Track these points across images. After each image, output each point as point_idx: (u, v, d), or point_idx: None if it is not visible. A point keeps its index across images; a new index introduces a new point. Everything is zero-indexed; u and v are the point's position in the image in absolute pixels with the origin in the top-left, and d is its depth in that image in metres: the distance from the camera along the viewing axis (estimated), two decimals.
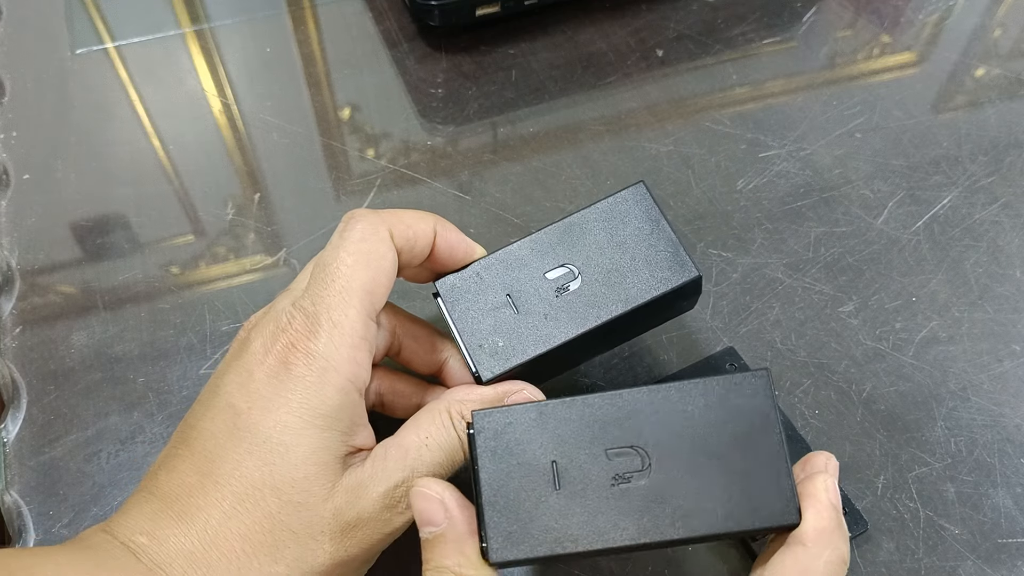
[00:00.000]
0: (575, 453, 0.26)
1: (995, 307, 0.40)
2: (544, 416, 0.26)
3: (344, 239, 0.29)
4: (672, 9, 0.53)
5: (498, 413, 0.26)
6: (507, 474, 0.25)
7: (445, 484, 0.25)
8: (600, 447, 0.26)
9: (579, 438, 0.26)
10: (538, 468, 0.25)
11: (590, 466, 0.25)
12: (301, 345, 0.27)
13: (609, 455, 0.26)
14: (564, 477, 0.25)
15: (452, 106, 0.48)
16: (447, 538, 0.25)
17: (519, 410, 0.26)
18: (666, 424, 0.26)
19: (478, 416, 0.26)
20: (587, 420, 0.26)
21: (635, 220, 0.32)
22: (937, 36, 0.52)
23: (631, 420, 0.26)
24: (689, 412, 0.26)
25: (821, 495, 0.25)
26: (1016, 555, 0.33)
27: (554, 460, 0.26)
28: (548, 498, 0.25)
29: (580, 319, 0.31)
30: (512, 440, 0.26)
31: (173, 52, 0.51)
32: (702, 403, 0.26)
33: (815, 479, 0.26)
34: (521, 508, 0.25)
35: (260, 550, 0.26)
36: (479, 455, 0.26)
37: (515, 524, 0.25)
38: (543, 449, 0.26)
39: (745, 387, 0.26)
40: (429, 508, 0.25)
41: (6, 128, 0.47)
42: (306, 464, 0.27)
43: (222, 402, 0.28)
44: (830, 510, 0.25)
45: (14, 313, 0.40)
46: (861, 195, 0.44)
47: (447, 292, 0.31)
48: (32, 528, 0.34)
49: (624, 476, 0.25)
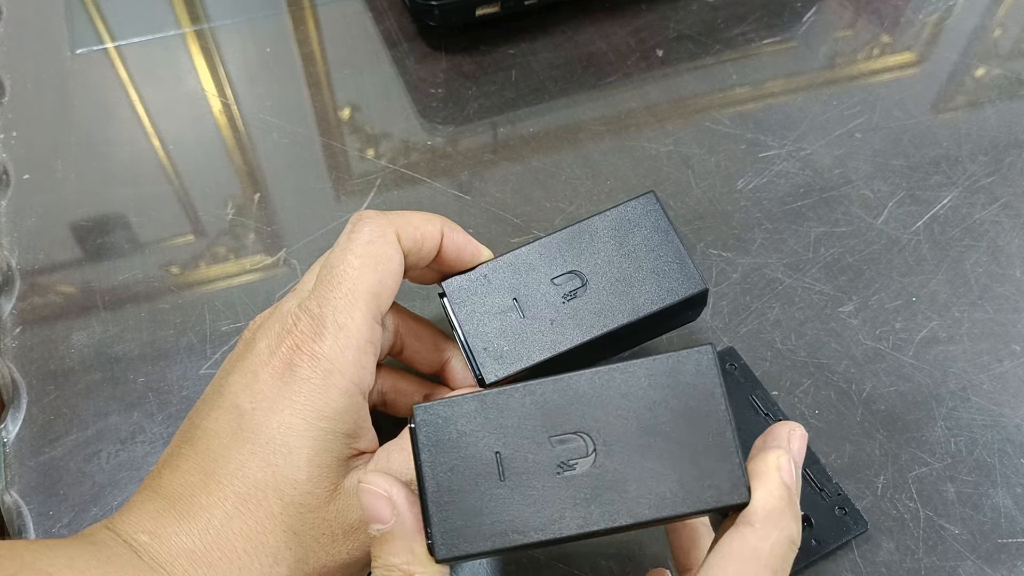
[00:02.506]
0: (519, 442, 0.25)
1: (995, 307, 0.40)
2: (486, 406, 0.25)
3: (351, 241, 0.29)
4: (672, 9, 0.53)
5: (439, 406, 0.25)
6: (450, 468, 0.25)
7: (392, 480, 0.24)
8: (544, 435, 0.25)
9: (522, 427, 0.25)
10: (482, 460, 0.25)
11: (534, 455, 0.25)
12: (306, 347, 0.27)
13: (553, 442, 0.25)
14: (508, 468, 0.25)
15: (452, 106, 0.48)
16: (394, 535, 0.24)
17: (460, 401, 0.25)
18: (611, 407, 0.25)
19: (419, 409, 0.25)
20: (530, 408, 0.25)
21: (644, 230, 0.32)
22: (937, 36, 0.52)
23: (575, 405, 0.25)
24: (634, 393, 0.25)
25: (772, 472, 0.24)
26: (1016, 555, 0.33)
27: (497, 451, 0.25)
28: (493, 490, 0.24)
29: (586, 326, 0.30)
30: (454, 432, 0.25)
31: (173, 52, 0.51)
32: (646, 383, 0.25)
33: (767, 455, 0.24)
34: (466, 502, 0.24)
35: (262, 550, 0.26)
36: (421, 449, 0.25)
37: (460, 519, 0.24)
38: (486, 440, 0.25)
39: (689, 364, 0.25)
40: (376, 505, 0.24)
41: (6, 128, 0.47)
42: (309, 466, 0.27)
43: (226, 402, 0.28)
44: (780, 488, 0.24)
45: (14, 313, 0.40)
46: (861, 195, 0.44)
47: (453, 293, 0.31)
48: (32, 528, 0.34)
49: (569, 463, 0.25)
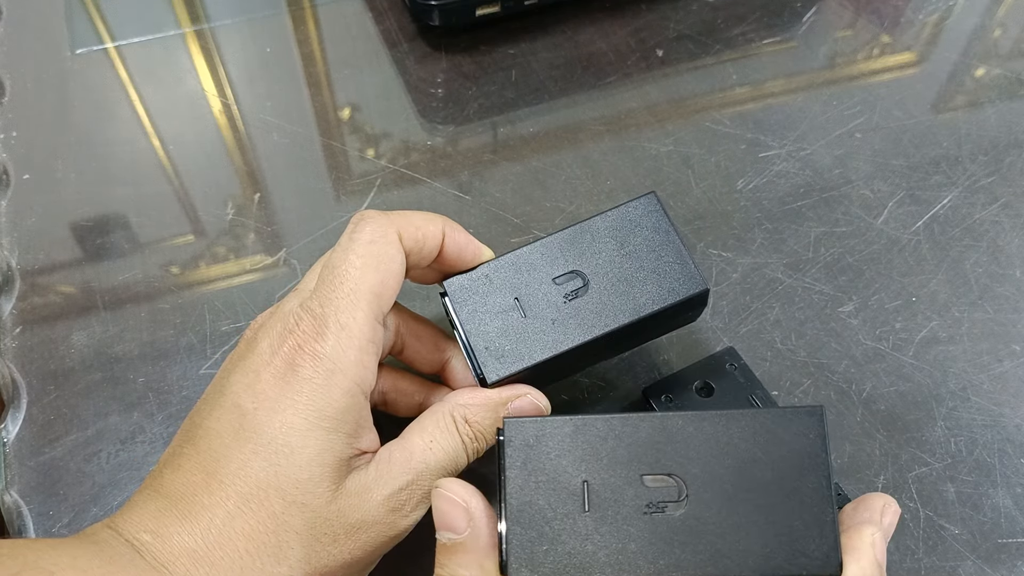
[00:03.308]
0: (608, 474, 0.24)
1: (995, 307, 0.40)
2: (579, 431, 0.25)
3: (353, 241, 0.29)
4: (672, 9, 0.53)
5: (531, 423, 0.25)
6: (535, 489, 0.24)
7: (470, 488, 0.24)
8: (636, 471, 0.24)
9: (614, 459, 0.24)
10: (568, 486, 0.24)
11: (623, 490, 0.24)
12: (308, 347, 0.27)
13: (645, 481, 0.24)
14: (595, 499, 0.24)
15: (452, 106, 0.48)
16: (467, 548, 0.24)
17: (553, 422, 0.25)
18: (708, 454, 0.24)
19: (510, 424, 0.25)
20: (624, 441, 0.24)
21: (645, 230, 0.32)
22: (937, 36, 0.52)
23: (671, 446, 0.24)
24: (734, 443, 0.24)
25: (866, 549, 0.24)
26: (1016, 555, 0.33)
27: (585, 480, 0.24)
28: (576, 519, 0.24)
29: (587, 326, 0.30)
30: (543, 454, 0.24)
31: (173, 52, 0.51)
32: (748, 435, 0.24)
33: (863, 530, 0.24)
34: (547, 527, 0.24)
35: (264, 550, 0.26)
36: (507, 466, 0.24)
37: (538, 543, 0.24)
38: (575, 467, 0.24)
39: (796, 423, 0.24)
40: (452, 513, 0.24)
41: (6, 128, 0.47)
42: (311, 466, 0.27)
43: (228, 402, 0.28)
44: (873, 566, 0.23)
45: (14, 313, 0.40)
46: (861, 195, 0.44)
47: (455, 292, 0.31)
48: (32, 528, 0.34)
49: (658, 504, 0.24)
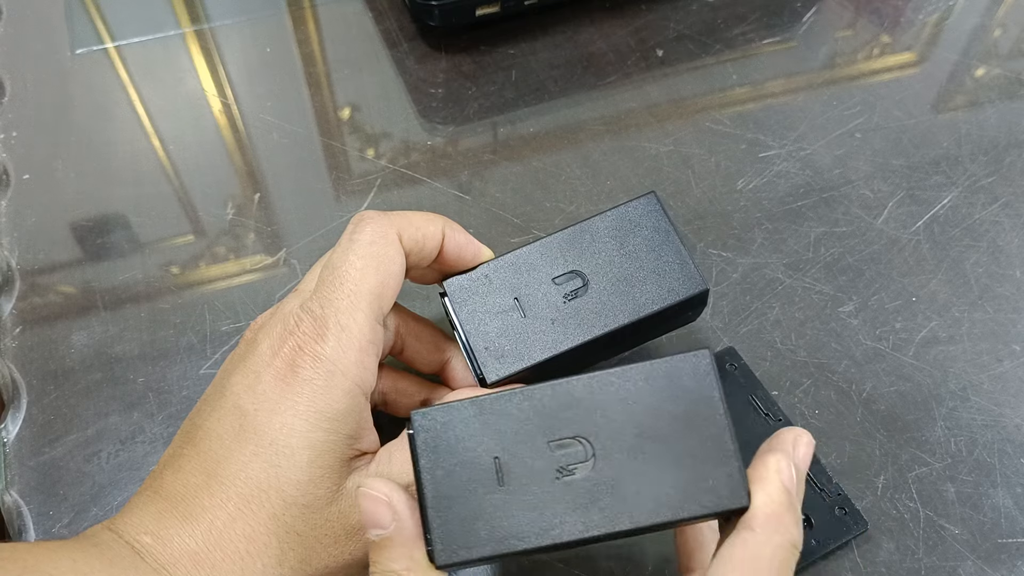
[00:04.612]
0: (517, 447, 0.25)
1: (995, 307, 0.40)
2: (483, 411, 0.25)
3: (353, 242, 0.29)
4: (672, 9, 0.53)
5: (436, 411, 0.25)
6: (449, 473, 0.24)
7: (392, 485, 0.24)
8: (542, 440, 0.25)
9: (520, 431, 0.25)
10: (481, 465, 0.25)
11: (533, 460, 0.25)
12: (308, 348, 0.27)
13: (552, 447, 0.25)
14: (507, 473, 0.24)
15: (452, 106, 0.48)
16: (394, 541, 0.24)
17: (458, 406, 0.25)
18: (609, 411, 0.25)
19: (416, 415, 0.25)
20: (528, 412, 0.25)
21: (645, 230, 0.32)
22: (937, 36, 0.52)
23: (573, 410, 0.25)
24: (632, 397, 0.25)
25: (772, 476, 0.24)
26: (1016, 555, 0.33)
27: (496, 456, 0.25)
28: (492, 496, 0.24)
29: (587, 326, 0.30)
30: (452, 437, 0.25)
31: (173, 52, 0.51)
32: (644, 387, 0.25)
33: (767, 459, 0.24)
34: (465, 508, 0.24)
35: (264, 551, 0.26)
36: (419, 455, 0.25)
37: (460, 525, 0.24)
38: (484, 445, 0.25)
39: (686, 368, 0.25)
40: (376, 510, 0.24)
41: (6, 128, 0.47)
42: (311, 467, 0.27)
43: (228, 403, 0.28)
44: (780, 492, 0.24)
45: (14, 313, 0.40)
46: (861, 195, 0.44)
47: (455, 292, 0.31)
48: (32, 528, 0.34)
49: (568, 468, 0.24)
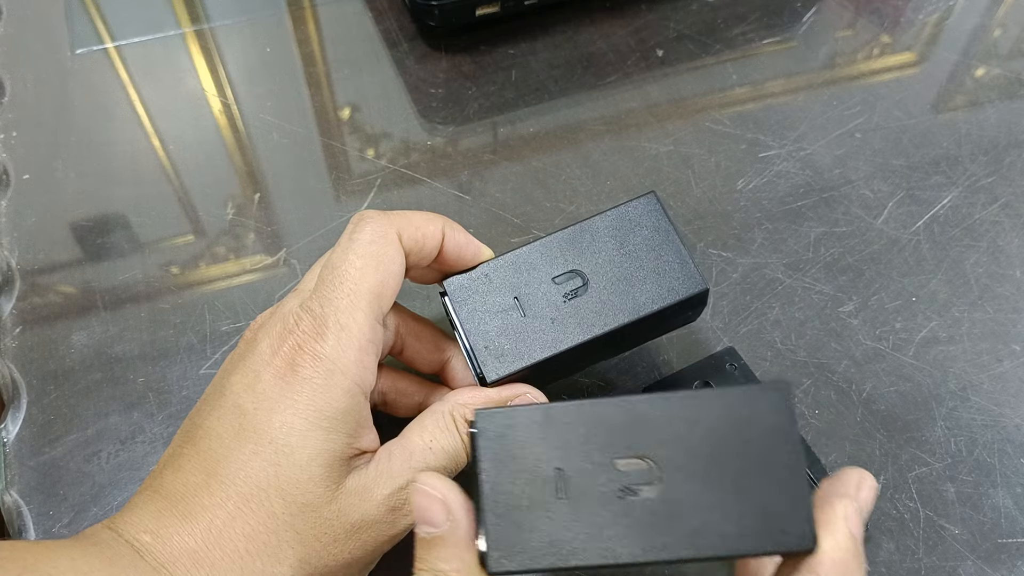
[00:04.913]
0: (581, 460, 0.24)
1: (995, 307, 0.40)
2: (550, 419, 0.24)
3: (353, 241, 0.29)
4: (672, 9, 0.53)
5: (501, 414, 0.25)
6: (510, 479, 0.24)
7: (448, 482, 0.24)
8: (608, 455, 0.24)
9: (586, 444, 0.24)
10: (542, 474, 0.24)
11: (596, 475, 0.24)
12: (308, 347, 0.27)
13: (617, 464, 0.24)
14: (569, 485, 0.24)
15: (452, 106, 0.48)
16: (447, 541, 0.24)
17: (524, 411, 0.25)
18: (679, 435, 0.24)
19: (481, 416, 0.25)
20: (595, 426, 0.24)
21: (645, 230, 0.32)
22: (937, 36, 0.52)
23: (642, 428, 0.24)
24: (705, 423, 0.24)
25: (839, 523, 0.24)
26: (1016, 555, 0.33)
27: (558, 467, 0.24)
28: (551, 507, 0.24)
29: (587, 326, 0.31)
30: (515, 443, 0.24)
31: (173, 52, 0.51)
32: (719, 415, 0.24)
33: (836, 504, 0.24)
34: (523, 516, 0.24)
35: (264, 551, 0.26)
36: (481, 457, 0.24)
37: (516, 532, 0.24)
38: (548, 454, 0.24)
39: (763, 400, 0.24)
40: (431, 507, 0.24)
41: (6, 128, 0.47)
42: (311, 466, 0.27)
43: (228, 402, 0.28)
44: (848, 539, 0.23)
45: (14, 313, 0.40)
46: (861, 195, 0.44)
47: (454, 292, 0.31)
48: (32, 528, 0.34)
49: (632, 488, 0.24)
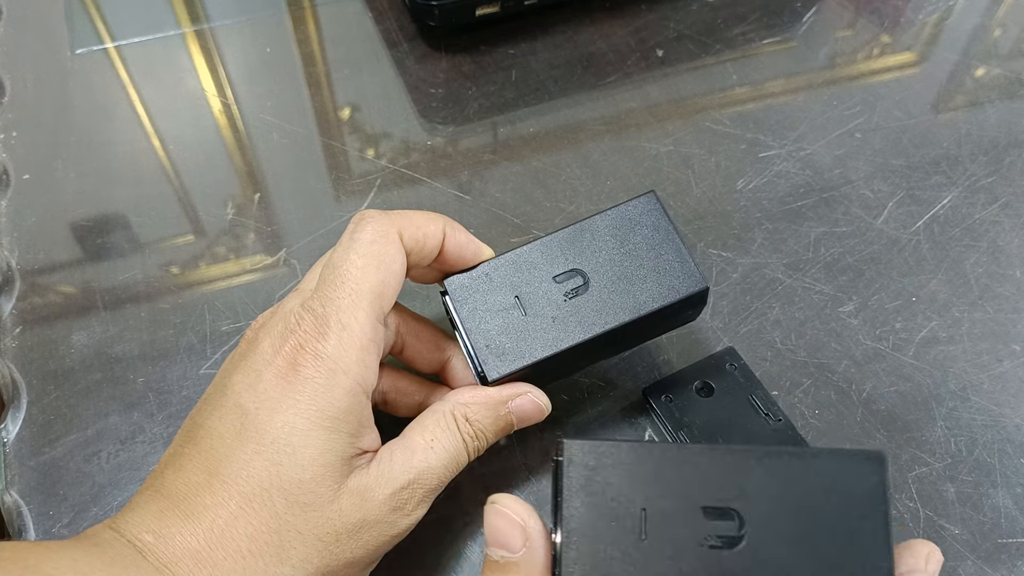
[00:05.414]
0: (668, 504, 0.24)
1: (995, 307, 0.40)
2: (640, 458, 0.24)
3: (354, 241, 0.29)
4: (672, 9, 0.53)
5: (590, 445, 0.24)
6: (593, 513, 0.24)
7: (527, 506, 0.24)
8: (696, 503, 0.24)
9: (674, 488, 0.24)
10: (626, 512, 0.24)
11: (682, 520, 0.24)
12: (310, 347, 0.27)
13: (703, 513, 0.24)
14: (653, 527, 0.23)
15: (452, 106, 0.48)
16: (520, 568, 0.23)
17: (613, 446, 0.24)
18: (768, 491, 0.24)
19: (569, 446, 0.24)
20: (685, 471, 0.24)
21: (645, 229, 0.32)
22: (937, 36, 0.52)
23: (731, 480, 0.24)
24: (794, 483, 0.24)
25: None
26: (1016, 555, 0.33)
27: (644, 507, 0.24)
28: (633, 546, 0.23)
29: (588, 324, 0.31)
30: (602, 477, 0.24)
31: (173, 52, 0.51)
32: (810, 476, 0.24)
33: None
34: (602, 551, 0.23)
35: (266, 550, 0.26)
36: (566, 487, 0.24)
37: (594, 568, 0.23)
38: (634, 492, 0.24)
39: (858, 467, 0.24)
40: (509, 531, 0.23)
41: (6, 128, 0.47)
42: (313, 465, 0.27)
43: (230, 402, 0.28)
44: None
45: (14, 313, 0.40)
46: (861, 195, 0.44)
47: (455, 291, 0.31)
48: (32, 528, 0.34)
49: (717, 539, 0.23)
